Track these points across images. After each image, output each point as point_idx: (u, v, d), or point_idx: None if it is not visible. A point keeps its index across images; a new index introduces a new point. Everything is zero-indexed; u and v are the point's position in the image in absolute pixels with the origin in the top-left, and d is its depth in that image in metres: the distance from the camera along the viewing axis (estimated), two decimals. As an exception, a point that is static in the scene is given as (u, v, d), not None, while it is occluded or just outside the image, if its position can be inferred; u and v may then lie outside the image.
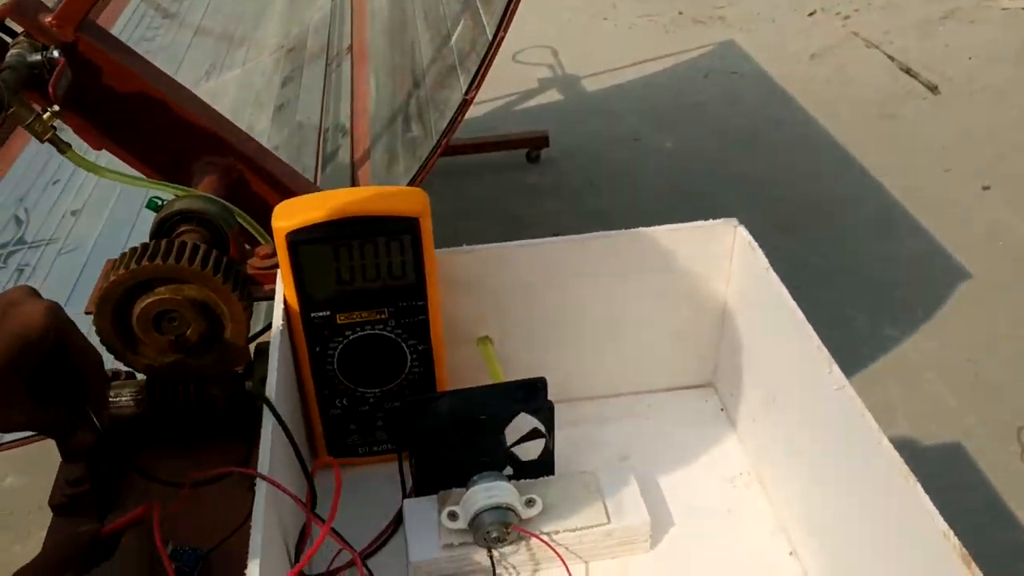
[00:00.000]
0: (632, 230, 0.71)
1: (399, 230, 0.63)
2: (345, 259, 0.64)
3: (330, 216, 0.63)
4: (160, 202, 0.81)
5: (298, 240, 0.63)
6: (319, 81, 1.50)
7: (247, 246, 0.84)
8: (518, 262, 0.70)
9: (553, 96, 3.05)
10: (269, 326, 0.86)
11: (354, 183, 1.06)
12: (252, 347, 0.77)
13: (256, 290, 0.80)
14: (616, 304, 0.74)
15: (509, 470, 0.68)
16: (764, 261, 0.67)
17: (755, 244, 0.69)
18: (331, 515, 0.57)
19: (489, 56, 0.83)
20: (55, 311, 0.57)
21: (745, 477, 0.73)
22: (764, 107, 2.90)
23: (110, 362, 0.71)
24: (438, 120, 0.90)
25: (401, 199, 0.64)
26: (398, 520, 0.69)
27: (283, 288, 0.66)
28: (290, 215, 0.63)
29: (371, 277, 0.65)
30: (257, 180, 0.89)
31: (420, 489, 0.68)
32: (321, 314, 0.66)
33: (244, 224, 0.84)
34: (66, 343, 0.58)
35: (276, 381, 0.60)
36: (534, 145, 2.70)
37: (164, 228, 0.79)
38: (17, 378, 0.56)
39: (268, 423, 0.55)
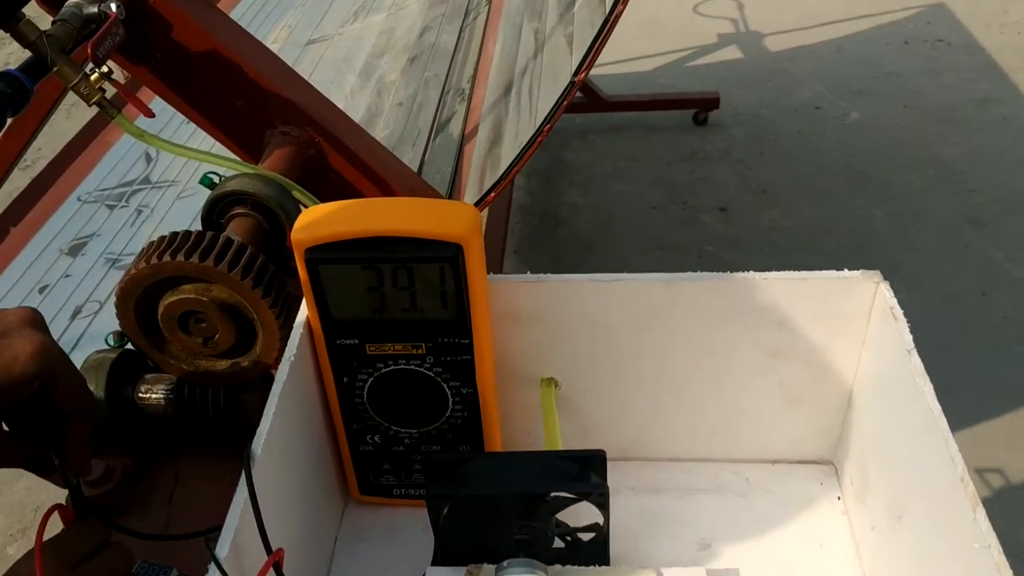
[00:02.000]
0: (740, 275, 0.56)
1: (438, 257, 0.52)
2: (374, 284, 0.53)
3: (357, 232, 0.52)
4: (215, 178, 0.72)
5: (319, 259, 0.52)
6: (454, 34, 1.38)
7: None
8: (590, 299, 0.58)
9: (731, 54, 2.81)
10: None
11: (459, 161, 0.95)
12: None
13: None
14: (713, 354, 0.60)
15: (559, 543, 0.57)
16: (907, 338, 0.52)
17: (899, 312, 0.53)
18: None
19: (605, 32, 0.69)
20: (46, 353, 0.50)
21: (854, 595, 0.58)
22: (971, 82, 2.56)
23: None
24: (543, 100, 0.77)
25: (443, 218, 0.52)
26: (423, 583, 0.58)
27: (305, 308, 0.56)
28: (312, 226, 0.53)
29: (405, 307, 0.54)
30: (340, 159, 0.79)
31: (446, 557, 0.58)
32: (348, 341, 0.56)
33: (306, 205, 0.75)
34: (53, 388, 0.51)
35: (272, 427, 0.50)
36: (703, 106, 2.50)
37: (216, 211, 0.71)
38: None
39: None
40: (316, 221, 0.53)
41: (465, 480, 0.55)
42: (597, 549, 0.56)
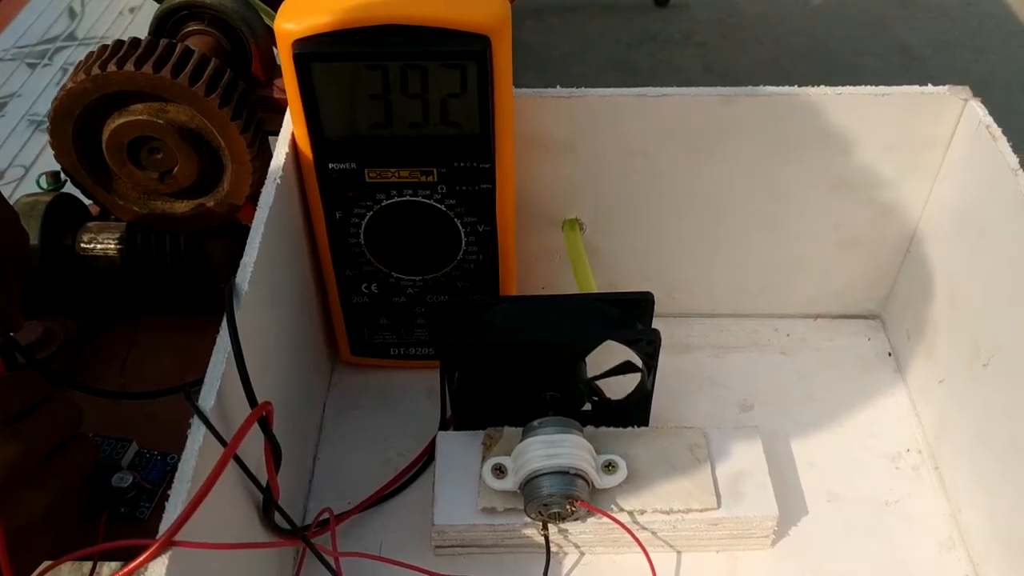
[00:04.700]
0: (812, 89, 0.48)
1: (460, 53, 0.42)
2: (377, 89, 0.43)
3: (359, 20, 0.41)
4: (164, -10, 0.60)
5: (310, 54, 0.42)
6: None
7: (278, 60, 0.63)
8: (630, 120, 0.49)
9: (693, -69, 2.68)
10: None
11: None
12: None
13: (278, 121, 0.61)
14: (767, 190, 0.52)
15: (587, 406, 0.49)
16: (1011, 159, 0.44)
17: (997, 131, 0.46)
18: (228, 450, 0.37)
19: None
20: None
21: (915, 457, 0.52)
22: (938, -36, 2.48)
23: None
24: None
25: (468, 4, 0.42)
26: (429, 453, 0.51)
27: (290, 123, 0.46)
28: (302, 13, 0.42)
29: (415, 120, 0.44)
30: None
31: (460, 421, 0.49)
32: (342, 166, 0.46)
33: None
34: None
35: (259, 260, 0.41)
36: (665, -14, 2.38)
37: (166, 28, 0.59)
38: None
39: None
40: (307, 7, 0.42)
41: (486, 329, 0.46)
42: (632, 409, 0.49)
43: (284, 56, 0.43)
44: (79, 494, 0.45)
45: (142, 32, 0.58)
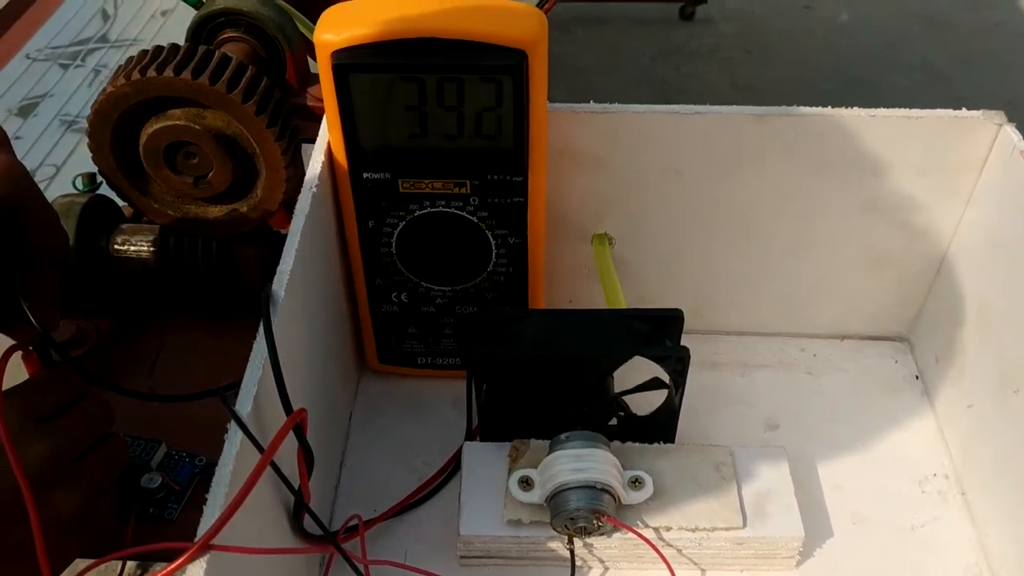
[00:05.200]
0: (844, 111, 0.48)
1: (497, 66, 0.42)
2: (414, 100, 0.43)
3: (397, 33, 0.42)
4: (202, -3, 0.61)
5: (348, 65, 0.42)
6: None
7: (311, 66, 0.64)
8: (664, 136, 0.49)
9: (720, -54, 2.68)
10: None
11: None
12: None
13: (316, 129, 0.62)
14: (798, 210, 0.52)
15: (613, 421, 0.49)
16: (1048, 182, 0.44)
17: (1033, 155, 0.46)
18: (265, 456, 0.37)
19: None
20: (13, 176, 0.40)
21: (941, 481, 0.51)
22: (966, -16, 2.48)
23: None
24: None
25: (505, 19, 0.43)
26: (455, 463, 0.51)
27: (327, 132, 0.46)
28: (341, 25, 0.43)
29: (450, 132, 0.45)
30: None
31: (487, 432, 0.50)
32: (377, 175, 0.47)
33: (310, 38, 0.64)
34: (21, 220, 0.41)
35: (295, 267, 0.41)
36: (690, 0, 2.39)
37: (202, 34, 0.60)
38: None
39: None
40: (346, 18, 0.43)
41: (516, 341, 0.47)
42: (659, 425, 0.49)
43: (323, 66, 0.43)
44: (109, 494, 0.45)
45: (174, 35, 0.59)
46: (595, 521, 0.43)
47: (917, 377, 0.57)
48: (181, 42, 0.53)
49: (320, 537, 0.41)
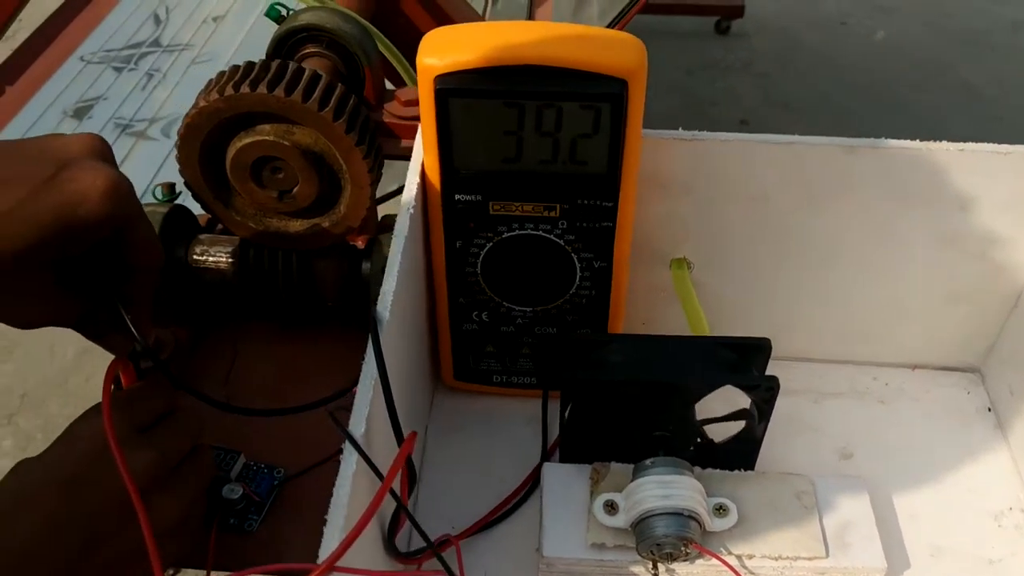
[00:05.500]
0: (936, 144, 0.48)
1: (598, 94, 0.43)
2: (512, 126, 0.44)
3: (501, 60, 0.42)
4: (283, 11, 0.62)
5: (451, 90, 0.43)
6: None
7: (388, 86, 0.65)
8: (756, 163, 0.49)
9: (756, -40, 2.68)
10: (400, 190, 0.69)
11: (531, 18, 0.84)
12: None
13: (391, 145, 0.62)
14: (879, 240, 0.52)
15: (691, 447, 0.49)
16: None
17: None
18: (386, 482, 0.38)
19: None
20: (120, 193, 0.41)
21: (1018, 516, 0.51)
22: (1002, 6, 2.47)
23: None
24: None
25: (606, 48, 0.43)
26: (532, 482, 0.51)
27: (422, 153, 0.47)
28: (444, 50, 0.43)
29: (544, 157, 0.45)
30: (413, 4, 0.69)
31: (567, 454, 0.50)
32: (468, 197, 0.47)
33: (387, 55, 0.65)
34: (124, 237, 0.42)
35: (398, 283, 0.41)
36: (727, 14, 2.39)
37: (284, 49, 0.61)
38: (48, 267, 0.40)
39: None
40: (448, 43, 0.44)
41: (602, 365, 0.47)
42: (737, 452, 0.49)
43: (424, 90, 0.44)
44: (200, 504, 0.46)
45: (225, 42, 0.59)
46: (682, 548, 0.44)
47: (989, 409, 0.57)
48: (233, 50, 0.54)
49: (412, 553, 0.42)
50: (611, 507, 0.46)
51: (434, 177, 0.47)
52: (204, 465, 0.46)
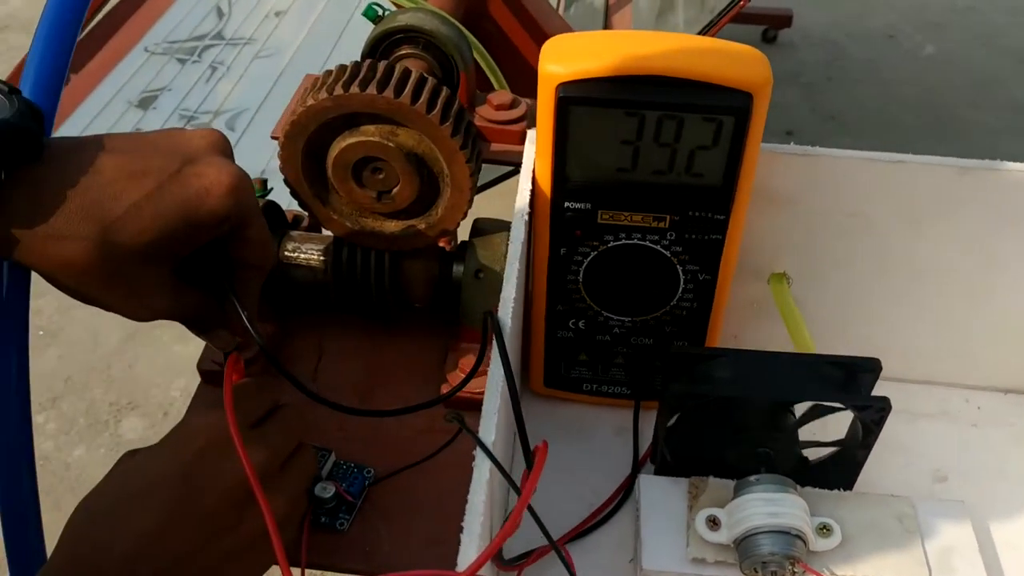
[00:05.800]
0: (1048, 166, 0.47)
1: (723, 107, 0.42)
2: (631, 136, 0.44)
3: (624, 69, 0.42)
4: (381, 11, 0.62)
5: (573, 98, 0.43)
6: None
7: (478, 90, 0.65)
8: (864, 180, 0.49)
9: (805, -29, 2.67)
10: (482, 188, 0.68)
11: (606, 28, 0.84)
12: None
13: (482, 148, 0.62)
14: (981, 261, 0.51)
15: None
16: None
17: None
18: (525, 494, 0.38)
19: None
20: (242, 190, 0.41)
21: (1118, 546, 0.51)
22: (1057, 23, 2.44)
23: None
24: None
25: (733, 61, 0.43)
26: (623, 492, 0.51)
27: (534, 159, 0.47)
28: (567, 58, 0.43)
29: (659, 168, 0.45)
30: (501, 7, 0.69)
31: (662, 466, 0.50)
32: (578, 205, 0.47)
33: (478, 59, 0.65)
34: (241, 234, 0.43)
35: (516, 289, 0.41)
36: (774, 24, 2.38)
37: (380, 49, 0.61)
38: (169, 260, 0.41)
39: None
40: (571, 51, 0.43)
41: (707, 379, 0.47)
42: (835, 471, 0.49)
43: (544, 97, 0.44)
44: (302, 502, 0.46)
45: (288, 36, 0.59)
46: (789, 567, 0.43)
47: (1085, 437, 0.56)
48: (296, 45, 0.54)
49: (515, 559, 0.42)
50: (713, 522, 0.45)
51: (544, 184, 0.47)
52: (308, 463, 0.46)
